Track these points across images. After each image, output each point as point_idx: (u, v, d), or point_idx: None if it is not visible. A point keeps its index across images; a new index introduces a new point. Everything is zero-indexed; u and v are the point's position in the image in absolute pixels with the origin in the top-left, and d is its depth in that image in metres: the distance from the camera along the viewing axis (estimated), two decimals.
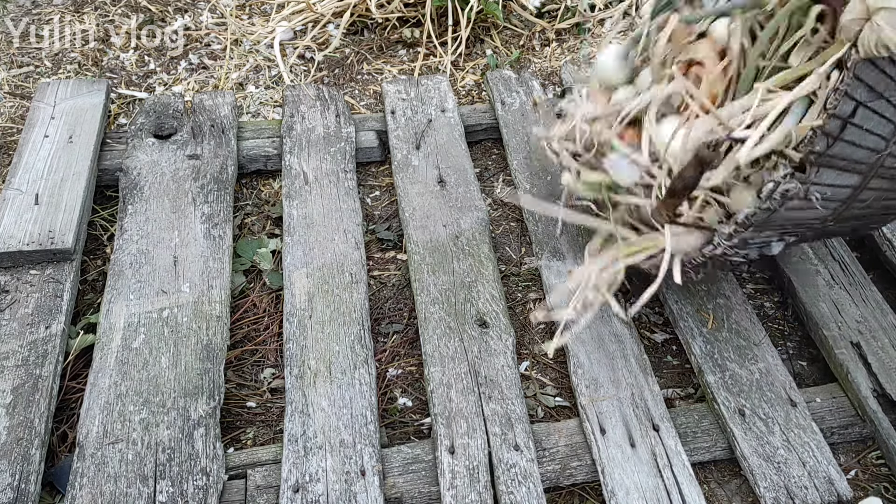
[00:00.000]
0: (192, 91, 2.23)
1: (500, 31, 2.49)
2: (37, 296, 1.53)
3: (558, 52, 2.44)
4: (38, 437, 1.31)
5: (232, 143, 1.90)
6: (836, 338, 1.53)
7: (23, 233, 1.60)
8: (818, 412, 1.44)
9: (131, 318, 1.49)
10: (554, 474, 1.34)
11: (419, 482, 1.32)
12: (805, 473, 1.33)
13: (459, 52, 2.35)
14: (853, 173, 1.27)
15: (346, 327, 1.51)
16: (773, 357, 1.50)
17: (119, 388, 1.38)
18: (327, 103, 2.02)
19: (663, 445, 1.35)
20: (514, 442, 1.34)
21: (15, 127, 2.03)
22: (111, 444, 1.31)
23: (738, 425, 1.39)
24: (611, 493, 1.29)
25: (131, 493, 1.25)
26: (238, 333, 1.58)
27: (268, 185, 1.93)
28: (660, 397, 1.43)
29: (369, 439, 1.34)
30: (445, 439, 1.34)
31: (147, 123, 1.92)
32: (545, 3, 2.53)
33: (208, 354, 1.45)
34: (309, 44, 2.38)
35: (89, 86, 1.99)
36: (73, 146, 1.81)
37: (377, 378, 1.47)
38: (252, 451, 1.36)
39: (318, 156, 1.88)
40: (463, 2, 2.31)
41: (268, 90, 2.25)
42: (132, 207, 1.71)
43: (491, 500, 1.27)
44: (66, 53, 2.33)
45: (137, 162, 1.82)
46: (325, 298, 1.56)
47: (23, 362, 1.41)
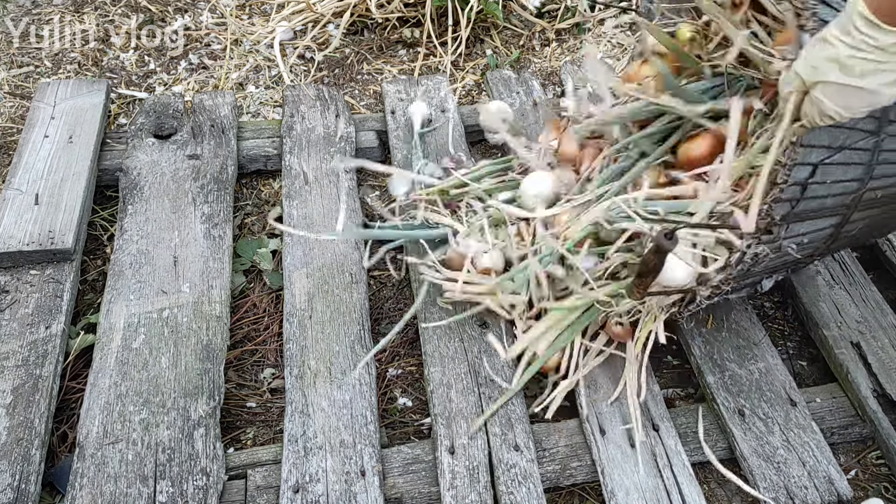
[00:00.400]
0: (192, 91, 2.23)
1: (500, 31, 2.49)
2: (37, 296, 1.53)
3: (558, 52, 2.44)
4: (38, 437, 1.31)
5: (232, 143, 1.90)
6: (836, 338, 1.53)
7: (23, 233, 1.60)
8: (818, 412, 1.44)
9: (131, 318, 1.49)
10: (554, 475, 1.34)
11: (419, 482, 1.32)
12: (805, 473, 1.33)
13: (459, 52, 2.35)
14: (830, 217, 1.23)
15: (346, 327, 1.51)
16: (772, 357, 1.50)
17: (119, 389, 1.38)
18: (327, 103, 2.02)
19: (663, 445, 1.35)
20: (514, 442, 1.34)
21: (15, 127, 2.03)
22: (111, 445, 1.31)
23: (738, 425, 1.39)
24: (611, 494, 1.29)
25: (131, 494, 1.25)
26: (238, 333, 1.58)
27: (268, 185, 1.93)
28: (660, 397, 1.43)
29: (369, 439, 1.34)
30: (445, 439, 1.34)
31: (147, 123, 1.92)
32: (545, 3, 2.52)
33: (208, 354, 1.45)
34: (309, 44, 2.38)
35: (89, 86, 1.99)
36: (73, 146, 1.81)
37: (377, 378, 1.47)
38: (252, 451, 1.36)
39: (318, 156, 1.87)
40: (463, 2, 2.31)
41: (268, 90, 2.25)
42: (132, 207, 1.71)
43: (491, 500, 1.27)
44: (66, 53, 2.33)
45: (137, 162, 1.82)
46: (325, 298, 1.56)
47: (23, 362, 1.41)
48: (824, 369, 1.58)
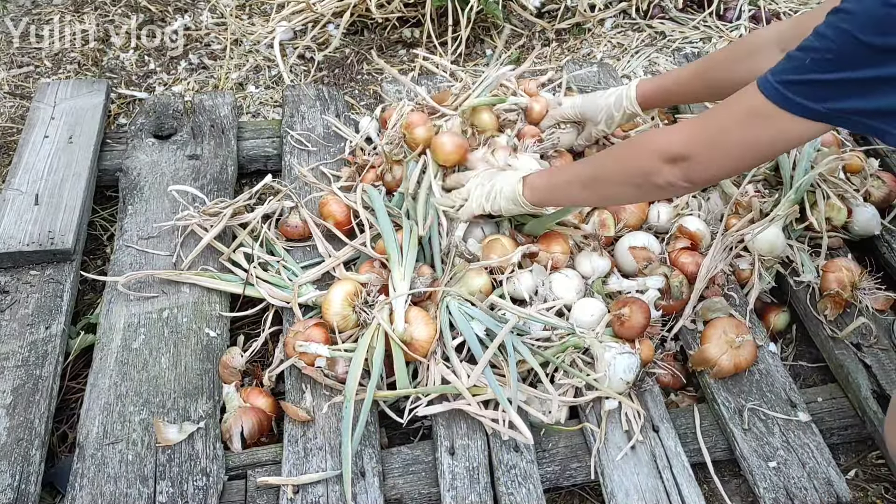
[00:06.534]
0: (192, 91, 2.23)
1: (500, 31, 2.49)
2: (37, 296, 1.53)
3: (558, 52, 2.44)
4: (38, 437, 1.31)
5: (232, 143, 1.90)
6: (836, 339, 1.53)
7: (23, 233, 1.60)
8: (818, 413, 1.44)
9: (131, 318, 1.49)
10: (554, 475, 1.34)
11: (419, 483, 1.32)
12: (805, 474, 1.33)
13: (459, 52, 2.35)
14: None
15: None
16: (772, 357, 1.50)
17: (119, 389, 1.38)
18: (327, 103, 2.02)
19: (663, 447, 1.35)
20: (514, 443, 1.34)
21: (15, 127, 2.03)
22: (111, 445, 1.31)
23: (738, 426, 1.39)
24: (610, 495, 1.29)
25: (131, 494, 1.25)
26: (238, 333, 1.58)
27: (267, 184, 1.92)
28: (660, 398, 1.43)
29: (369, 440, 1.34)
30: (445, 440, 1.34)
31: (147, 123, 1.92)
32: (545, 3, 2.52)
33: (208, 354, 1.45)
34: (309, 44, 2.38)
35: (89, 86, 1.99)
36: (73, 146, 1.81)
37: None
38: (252, 451, 1.36)
39: (317, 155, 1.87)
40: (463, 2, 2.31)
41: (268, 90, 2.25)
42: (132, 207, 1.71)
43: (491, 500, 1.27)
44: (66, 53, 2.33)
45: (137, 162, 1.81)
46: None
47: (23, 363, 1.41)
48: (824, 370, 1.58)
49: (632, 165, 1.27)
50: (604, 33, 2.52)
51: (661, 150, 1.20)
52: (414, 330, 1.37)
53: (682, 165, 1.18)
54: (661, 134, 1.27)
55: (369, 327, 1.37)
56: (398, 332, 1.35)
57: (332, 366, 1.38)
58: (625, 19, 2.57)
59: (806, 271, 1.62)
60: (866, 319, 1.53)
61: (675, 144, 1.18)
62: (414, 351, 1.37)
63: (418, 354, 1.37)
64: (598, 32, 2.52)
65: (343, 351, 1.38)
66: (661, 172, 1.20)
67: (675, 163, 1.18)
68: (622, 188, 1.32)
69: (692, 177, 1.19)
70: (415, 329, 1.38)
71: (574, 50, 2.45)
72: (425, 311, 1.43)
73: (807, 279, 1.61)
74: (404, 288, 1.42)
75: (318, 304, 1.48)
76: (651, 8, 2.57)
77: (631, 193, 1.33)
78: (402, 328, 1.36)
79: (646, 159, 1.22)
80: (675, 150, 1.18)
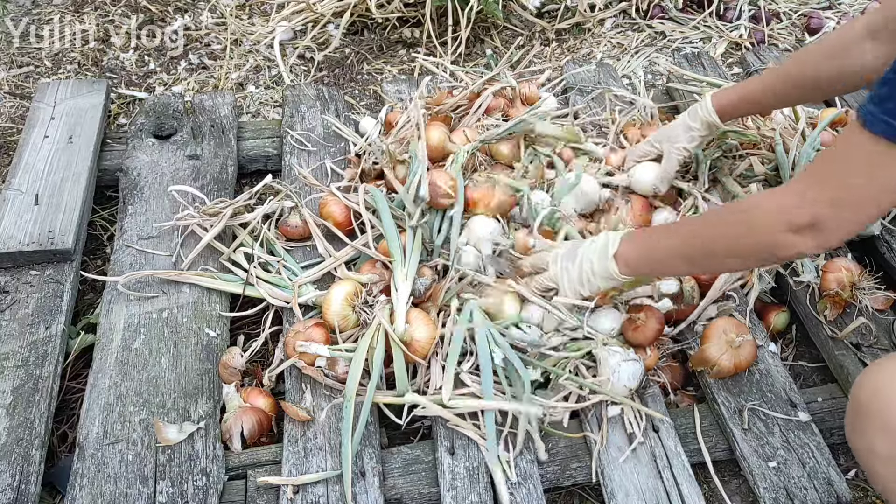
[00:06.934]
0: (192, 91, 2.23)
1: (500, 31, 2.49)
2: (37, 296, 1.53)
3: (558, 52, 2.44)
4: (38, 437, 1.31)
5: (232, 143, 1.90)
6: (836, 339, 1.53)
7: (23, 233, 1.60)
8: (818, 413, 1.44)
9: (131, 318, 1.49)
10: (554, 475, 1.34)
11: (419, 483, 1.32)
12: (805, 474, 1.33)
13: (459, 52, 2.35)
14: None
15: None
16: (772, 357, 1.50)
17: (119, 389, 1.38)
18: (327, 103, 2.02)
19: (663, 447, 1.35)
20: None
21: (15, 127, 2.03)
22: (111, 445, 1.31)
23: (738, 426, 1.39)
24: (611, 495, 1.29)
25: (131, 494, 1.25)
26: (238, 333, 1.58)
27: (268, 185, 1.92)
28: (660, 398, 1.43)
29: (369, 440, 1.34)
30: (445, 440, 1.34)
31: (147, 123, 1.92)
32: (545, 3, 2.52)
33: (208, 354, 1.45)
34: (309, 44, 2.38)
35: (89, 86, 1.99)
36: (73, 146, 1.81)
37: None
38: (252, 451, 1.36)
39: (318, 155, 1.87)
40: (463, 2, 2.31)
41: (268, 90, 2.25)
42: (132, 208, 1.71)
43: (491, 500, 1.27)
44: (66, 53, 2.33)
45: (137, 162, 1.81)
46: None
47: (23, 363, 1.41)
48: (824, 370, 1.58)
49: (750, 242, 1.15)
50: (604, 33, 2.52)
51: (784, 221, 1.08)
52: (414, 331, 1.37)
53: (812, 234, 1.07)
54: (775, 202, 1.12)
55: (370, 327, 1.37)
56: (399, 332, 1.36)
57: (333, 366, 1.38)
58: (625, 19, 2.58)
59: (806, 271, 1.62)
60: (866, 319, 1.53)
61: (798, 215, 1.06)
62: (413, 352, 1.37)
63: (418, 355, 1.37)
64: (597, 32, 2.52)
65: (343, 351, 1.38)
66: (790, 246, 1.09)
67: (803, 233, 1.07)
68: (737, 261, 1.23)
69: (827, 244, 1.09)
70: (415, 330, 1.38)
71: (574, 50, 2.45)
72: (426, 313, 1.43)
73: (807, 279, 1.61)
74: (407, 288, 1.42)
75: (319, 304, 1.48)
76: (651, 8, 2.58)
77: (749, 265, 1.27)
78: (403, 328, 1.36)
79: (766, 234, 1.11)
80: (800, 220, 1.06)
